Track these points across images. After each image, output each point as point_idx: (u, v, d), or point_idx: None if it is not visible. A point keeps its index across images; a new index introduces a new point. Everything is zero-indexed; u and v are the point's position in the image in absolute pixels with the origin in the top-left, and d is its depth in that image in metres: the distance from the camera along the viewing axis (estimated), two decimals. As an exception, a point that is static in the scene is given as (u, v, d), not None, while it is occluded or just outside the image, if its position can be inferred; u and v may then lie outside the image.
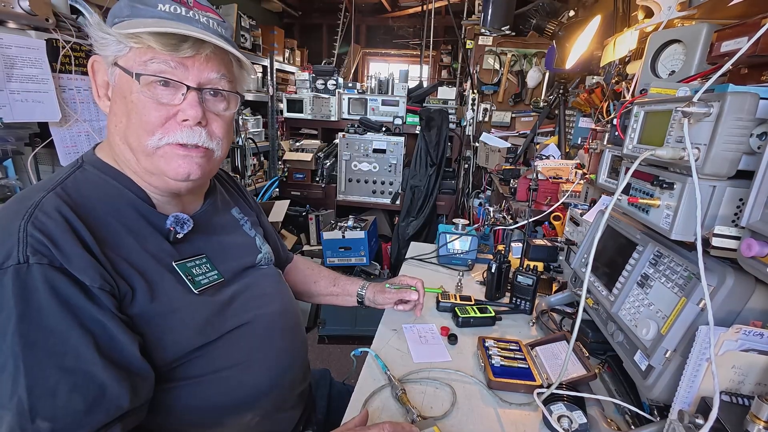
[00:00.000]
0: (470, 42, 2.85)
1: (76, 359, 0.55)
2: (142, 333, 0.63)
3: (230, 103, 0.74)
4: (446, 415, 0.79)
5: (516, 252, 1.44)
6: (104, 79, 0.70)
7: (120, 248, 0.64)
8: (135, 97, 0.65)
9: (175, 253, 0.72)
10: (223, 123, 0.73)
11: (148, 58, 0.64)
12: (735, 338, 0.57)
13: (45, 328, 0.54)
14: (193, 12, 0.67)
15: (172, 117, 0.67)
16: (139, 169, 0.70)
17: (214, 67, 0.68)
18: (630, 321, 0.74)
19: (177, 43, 0.64)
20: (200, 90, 0.68)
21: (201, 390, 0.70)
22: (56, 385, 0.53)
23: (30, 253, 0.54)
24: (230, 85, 0.72)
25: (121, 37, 0.64)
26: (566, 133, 2.21)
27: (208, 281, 0.74)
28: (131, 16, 0.65)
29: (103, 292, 0.58)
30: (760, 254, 0.52)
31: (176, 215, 0.73)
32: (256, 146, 3.15)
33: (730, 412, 0.55)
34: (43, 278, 0.54)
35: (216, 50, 0.68)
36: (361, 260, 2.53)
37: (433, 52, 5.56)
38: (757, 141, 0.58)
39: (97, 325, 0.57)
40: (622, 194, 0.79)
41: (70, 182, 0.66)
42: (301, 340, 0.90)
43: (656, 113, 0.74)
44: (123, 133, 0.68)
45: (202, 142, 0.69)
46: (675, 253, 0.71)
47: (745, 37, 0.70)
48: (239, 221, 0.91)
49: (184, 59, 0.66)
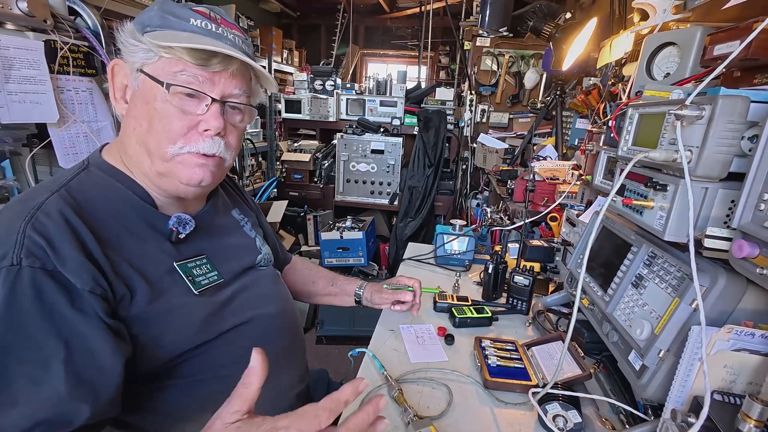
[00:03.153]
0: (468, 43, 2.85)
1: (45, 371, 0.53)
2: (140, 333, 0.63)
3: (245, 115, 0.77)
4: (443, 414, 0.79)
5: (513, 253, 1.45)
6: (123, 83, 0.72)
7: (121, 249, 0.65)
8: (159, 105, 0.67)
9: (176, 253, 0.73)
10: (238, 134, 0.77)
11: (179, 69, 0.67)
12: (727, 338, 0.57)
13: (22, 333, 0.53)
14: (222, 29, 0.70)
15: (194, 127, 0.69)
16: (151, 172, 0.71)
17: (237, 84, 0.72)
18: (624, 321, 0.75)
19: (208, 58, 0.67)
20: (223, 103, 0.71)
21: (199, 388, 0.70)
22: (18, 396, 0.51)
23: (24, 256, 0.54)
24: (248, 99, 0.76)
25: (153, 47, 0.66)
26: (563, 134, 2.22)
27: (208, 282, 0.75)
28: (163, 27, 0.67)
29: (93, 296, 0.58)
30: (751, 255, 0.53)
31: (179, 216, 0.74)
32: (254, 147, 3.15)
33: (723, 410, 0.56)
34: (31, 282, 0.54)
35: (240, 67, 0.71)
36: (359, 261, 2.53)
37: (431, 53, 5.57)
38: (748, 143, 0.58)
39: (75, 337, 0.56)
40: (616, 195, 0.80)
41: (75, 184, 0.67)
42: (299, 340, 0.90)
43: (650, 115, 0.75)
44: (142, 137, 0.69)
45: (220, 152, 0.72)
46: (668, 254, 0.71)
47: (738, 41, 0.70)
48: (240, 222, 0.92)
49: (212, 75, 0.68)
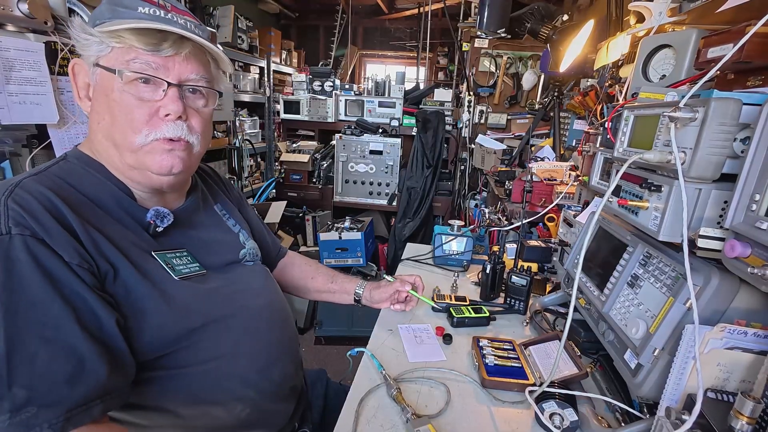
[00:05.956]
0: (466, 44, 2.86)
1: (57, 330, 0.55)
2: (126, 314, 0.64)
3: (209, 99, 0.77)
4: (441, 413, 0.80)
5: (510, 253, 1.46)
6: (85, 81, 0.72)
7: (102, 229, 0.65)
8: (117, 96, 0.68)
9: (156, 244, 0.73)
10: (202, 119, 0.76)
11: (131, 57, 0.67)
12: (720, 337, 0.58)
13: (26, 297, 0.54)
14: (171, 14, 0.70)
15: (155, 114, 0.70)
16: (122, 166, 0.72)
17: (193, 68, 0.72)
18: (620, 320, 0.76)
19: (158, 42, 0.67)
20: (180, 86, 0.71)
21: (188, 380, 0.71)
22: (35, 354, 0.53)
23: (12, 224, 0.55)
24: (209, 83, 0.76)
25: (103, 37, 0.66)
26: (561, 135, 2.23)
27: (189, 271, 0.75)
28: (112, 18, 0.67)
29: (82, 269, 0.59)
30: (743, 255, 0.54)
31: (156, 209, 0.74)
32: (253, 147, 3.16)
33: (716, 408, 0.57)
34: (25, 249, 0.55)
35: (194, 50, 0.72)
36: (357, 261, 2.53)
37: (430, 54, 5.59)
38: (740, 145, 0.59)
39: (78, 298, 0.58)
40: (612, 196, 0.81)
41: (54, 170, 0.69)
42: (291, 334, 0.91)
43: (645, 117, 0.76)
44: (107, 130, 0.70)
45: (184, 135, 0.72)
46: (663, 254, 0.72)
47: (731, 44, 0.72)
48: (222, 218, 0.92)
49: (165, 60, 0.69)
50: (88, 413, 0.56)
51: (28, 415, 0.51)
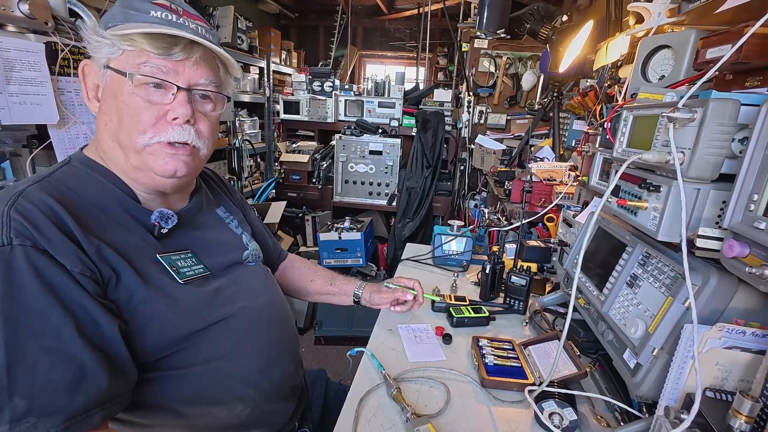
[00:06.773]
0: (466, 45, 2.87)
1: (57, 339, 0.56)
2: (127, 319, 0.64)
3: (217, 104, 0.78)
4: (440, 413, 0.80)
5: (510, 253, 1.46)
6: (94, 82, 0.73)
7: (104, 235, 0.65)
8: (126, 98, 0.68)
9: (160, 246, 0.74)
10: (210, 123, 0.77)
11: (142, 61, 0.67)
12: (718, 336, 0.59)
13: (26, 307, 0.55)
14: (183, 19, 0.70)
15: (162, 117, 0.70)
16: (127, 167, 0.72)
17: (203, 73, 0.72)
18: (619, 320, 0.76)
19: (169, 47, 0.68)
20: (189, 90, 0.71)
21: (189, 380, 0.71)
22: (35, 363, 0.54)
23: (14, 235, 0.56)
24: (217, 88, 0.76)
25: (115, 40, 0.67)
26: (561, 135, 2.24)
27: (193, 273, 0.75)
28: (124, 22, 0.67)
29: (84, 277, 0.59)
30: (741, 255, 0.54)
31: (161, 210, 0.75)
32: (253, 148, 3.16)
33: (715, 407, 0.57)
34: (26, 259, 0.55)
35: (204, 55, 0.72)
36: (357, 261, 2.54)
37: (429, 54, 5.59)
38: (738, 145, 0.60)
39: (78, 307, 0.58)
40: (611, 196, 0.81)
41: (57, 175, 0.69)
42: (291, 334, 0.91)
43: (644, 118, 0.76)
44: (114, 131, 0.70)
45: (191, 139, 0.72)
46: (662, 254, 0.73)
47: (729, 45, 0.72)
48: (225, 220, 0.92)
49: (175, 64, 0.69)
50: (87, 421, 0.56)
51: (27, 425, 0.52)
